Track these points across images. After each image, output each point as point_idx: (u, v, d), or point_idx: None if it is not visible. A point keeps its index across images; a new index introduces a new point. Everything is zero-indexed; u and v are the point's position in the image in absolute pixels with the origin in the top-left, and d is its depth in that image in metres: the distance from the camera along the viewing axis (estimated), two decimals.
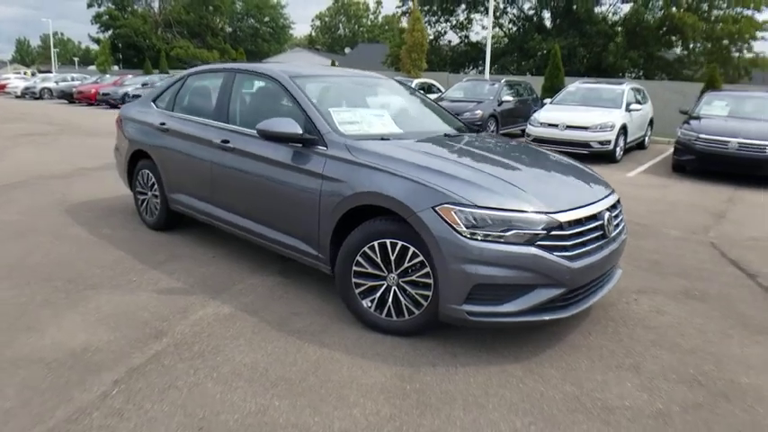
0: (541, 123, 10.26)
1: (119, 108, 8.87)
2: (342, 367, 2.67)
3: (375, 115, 3.71)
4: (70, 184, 6.53)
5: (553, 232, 2.71)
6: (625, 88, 11.17)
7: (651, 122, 12.53)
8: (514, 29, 25.99)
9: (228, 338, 2.91)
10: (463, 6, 26.15)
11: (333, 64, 22.64)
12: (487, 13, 26.75)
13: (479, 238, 2.64)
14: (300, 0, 77.73)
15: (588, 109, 10.43)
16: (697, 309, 3.59)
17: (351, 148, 3.15)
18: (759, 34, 20.67)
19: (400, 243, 2.85)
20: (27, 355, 2.65)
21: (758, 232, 5.55)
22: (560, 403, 2.47)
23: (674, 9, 19.77)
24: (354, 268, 3.00)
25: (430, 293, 2.83)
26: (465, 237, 2.64)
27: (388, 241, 2.88)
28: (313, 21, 63.11)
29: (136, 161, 4.80)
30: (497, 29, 28.59)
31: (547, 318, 2.77)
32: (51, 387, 2.39)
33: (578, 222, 2.84)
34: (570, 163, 3.71)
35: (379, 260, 2.93)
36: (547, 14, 23.92)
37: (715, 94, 10.42)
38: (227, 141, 3.75)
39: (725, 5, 20.26)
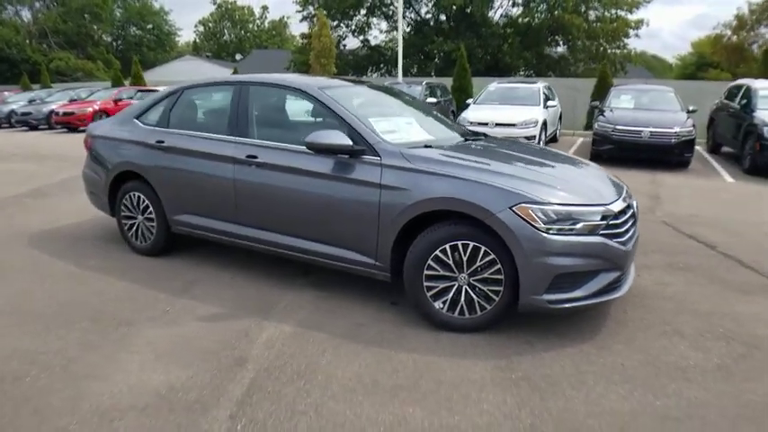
0: (471, 122, 10.83)
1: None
2: (444, 368, 2.75)
3: (406, 123, 3.79)
4: (10, 215, 5.76)
5: (611, 221, 3.02)
6: (540, 86, 12.16)
7: (561, 117, 13.74)
8: (413, 32, 26.95)
9: (314, 355, 2.85)
10: (363, 11, 26.62)
11: (235, 72, 21.85)
12: (386, 17, 27.62)
13: (554, 232, 2.86)
14: (181, 6, 73.82)
15: (512, 107, 11.22)
16: (689, 278, 4.12)
17: (406, 156, 3.21)
18: (632, 32, 23.54)
19: (472, 244, 2.98)
20: (112, 405, 2.39)
21: (694, 210, 6.41)
22: (642, 370, 2.76)
23: (561, 12, 21.78)
24: (426, 272, 3.08)
25: (501, 288, 3.00)
26: (543, 232, 2.85)
27: (459, 243, 3.00)
28: (196, 27, 60.24)
29: (119, 184, 4.41)
30: (394, 32, 29.43)
31: (606, 298, 3.07)
32: None
33: (623, 211, 3.18)
34: (580, 159, 4.09)
35: (451, 262, 3.04)
36: (444, 17, 25.06)
37: (620, 89, 11.70)
38: (255, 156, 3.61)
39: (601, 7, 22.75)
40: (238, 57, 49.07)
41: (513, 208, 2.88)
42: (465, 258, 3.01)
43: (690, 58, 41.41)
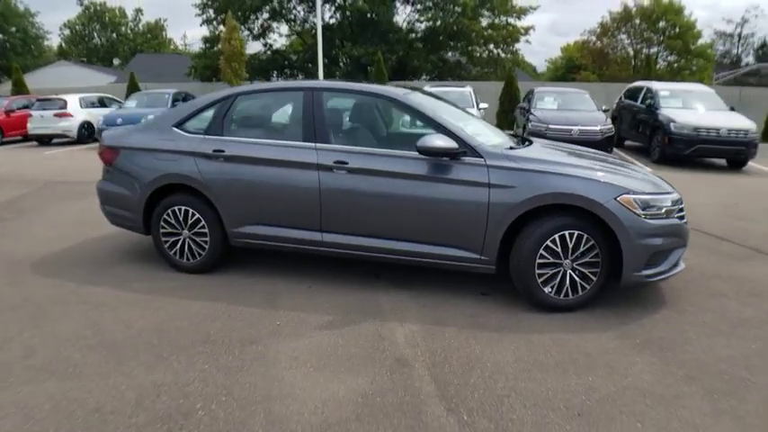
0: None
1: None
2: (580, 343, 3.06)
3: (484, 126, 4.05)
4: None
5: (679, 206, 3.55)
6: (469, 89, 12.98)
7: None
8: (314, 39, 26.95)
9: (463, 347, 2.99)
10: (265, 15, 26.03)
11: (132, 78, 20.06)
12: (287, 21, 27.29)
13: (648, 217, 3.33)
14: (43, 7, 65.92)
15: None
16: (720, 258, 4.76)
17: (510, 156, 3.49)
18: (522, 38, 25.77)
19: (576, 233, 3.35)
20: (325, 421, 2.34)
21: None
22: (721, 325, 3.31)
23: (461, 17, 23.21)
24: (538, 261, 3.38)
25: (598, 270, 3.41)
26: (641, 217, 3.29)
27: (566, 233, 3.35)
28: (61, 30, 54.08)
29: (156, 199, 4.14)
30: (295, 36, 29.21)
31: (677, 270, 3.60)
32: None
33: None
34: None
35: (559, 250, 3.37)
36: (347, 22, 25.36)
37: (542, 91, 12.88)
38: (345, 162, 3.64)
39: (492, 14, 24.61)
40: (116, 61, 45.12)
41: (618, 198, 3.29)
42: (570, 246, 3.37)
43: (560, 61, 46.09)
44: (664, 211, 3.41)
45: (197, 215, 4.02)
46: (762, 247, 5.02)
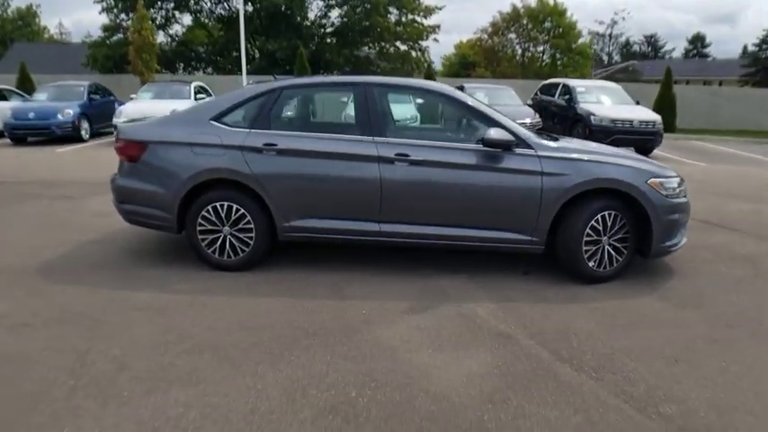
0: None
1: None
2: (636, 307, 3.55)
3: (519, 120, 4.38)
4: None
5: (683, 186, 4.17)
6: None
7: None
8: (223, 29, 25.78)
9: (551, 318, 3.31)
10: (171, 4, 24.34)
11: (23, 67, 17.77)
12: (190, 12, 25.81)
13: (670, 196, 3.89)
14: None
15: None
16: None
17: (555, 148, 3.86)
18: (431, 36, 26.73)
19: (614, 213, 3.82)
20: (480, 392, 2.54)
21: None
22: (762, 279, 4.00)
23: (373, 14, 23.55)
24: (585, 239, 3.81)
25: (628, 244, 3.92)
26: (665, 197, 3.85)
27: (606, 213, 3.81)
28: None
29: (194, 195, 3.96)
30: (200, 29, 27.70)
31: (684, 242, 4.22)
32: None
33: None
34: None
35: (600, 228, 3.83)
36: (258, 15, 24.58)
37: (473, 87, 13.58)
38: (407, 155, 3.78)
39: (400, 12, 25.26)
40: None
41: (648, 182, 3.80)
42: (609, 224, 3.84)
43: (454, 58, 48.37)
44: (678, 190, 4.00)
45: (242, 210, 3.92)
46: (709, 220, 5.94)
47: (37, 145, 12.16)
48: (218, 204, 3.93)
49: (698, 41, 61.99)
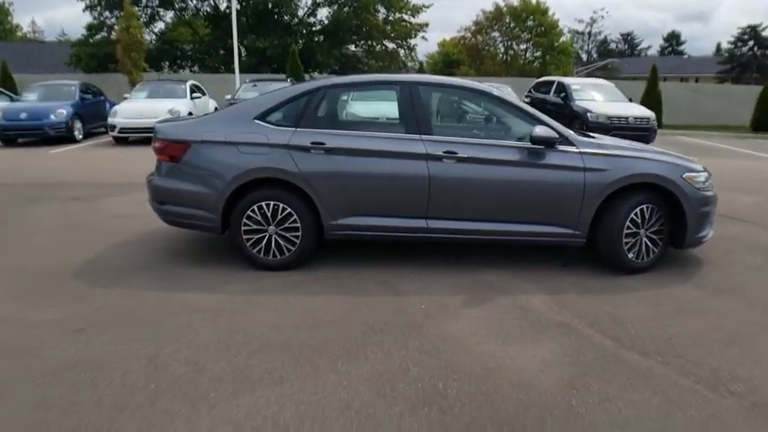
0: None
1: None
2: (676, 294, 3.70)
3: None
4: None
5: (710, 180, 4.32)
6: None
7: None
8: (210, 27, 25.44)
9: (606, 307, 3.43)
10: (156, 2, 23.93)
11: (4, 66, 17.30)
12: (174, 9, 25.43)
13: (701, 189, 4.04)
14: None
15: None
16: None
17: (597, 144, 3.98)
18: (420, 35, 26.87)
19: (651, 206, 3.95)
20: (561, 379, 2.63)
21: None
22: None
23: (362, 12, 23.56)
24: (626, 231, 3.93)
25: (663, 236, 4.06)
26: (699, 190, 4.00)
27: (644, 206, 3.94)
28: None
29: (239, 194, 3.95)
30: (184, 26, 27.30)
31: (713, 233, 4.37)
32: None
33: None
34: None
35: (639, 221, 3.95)
36: (245, 13, 24.34)
37: None
38: (455, 152, 3.84)
39: (387, 11, 25.31)
40: None
41: (683, 176, 3.94)
42: (647, 217, 3.97)
43: (438, 56, 48.57)
44: (707, 184, 4.15)
45: (288, 209, 3.93)
46: (720, 212, 6.11)
47: (27, 146, 11.90)
48: (263, 204, 3.94)
49: (673, 39, 63.48)
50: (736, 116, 18.90)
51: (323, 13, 25.70)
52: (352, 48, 27.08)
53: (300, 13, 25.67)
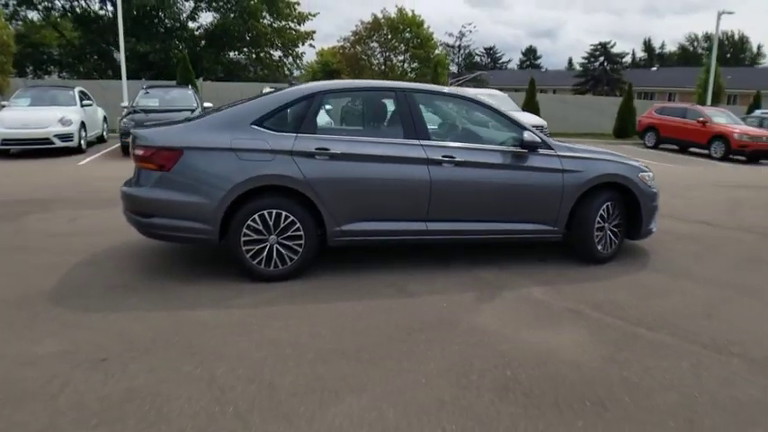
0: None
1: None
2: (650, 277, 4.28)
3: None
4: None
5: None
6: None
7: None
8: (80, 29, 22.83)
9: (600, 293, 3.86)
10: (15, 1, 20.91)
11: None
12: (37, 9, 22.57)
13: (650, 186, 4.71)
14: None
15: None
16: None
17: (570, 148, 4.45)
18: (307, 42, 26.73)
19: (614, 203, 4.52)
20: (600, 356, 2.95)
21: None
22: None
23: (249, 18, 22.86)
24: (596, 225, 4.44)
25: (622, 229, 4.66)
26: (649, 187, 4.66)
27: (609, 203, 4.50)
28: None
29: (239, 204, 3.78)
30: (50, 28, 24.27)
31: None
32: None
33: None
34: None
35: (605, 216, 4.49)
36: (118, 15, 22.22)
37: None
38: (452, 157, 4.04)
39: (273, 18, 24.89)
40: None
41: (638, 176, 4.58)
42: (611, 212, 4.53)
43: (317, 66, 48.65)
44: (653, 182, 4.85)
45: (291, 217, 3.85)
46: None
47: (25, 158, 10.29)
48: (265, 212, 3.81)
49: (531, 53, 70.62)
50: (599, 125, 21.65)
51: (207, 19, 24.62)
52: (237, 54, 26.22)
53: (184, 17, 24.27)
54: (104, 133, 13.51)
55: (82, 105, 11.53)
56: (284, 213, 3.84)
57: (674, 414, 2.42)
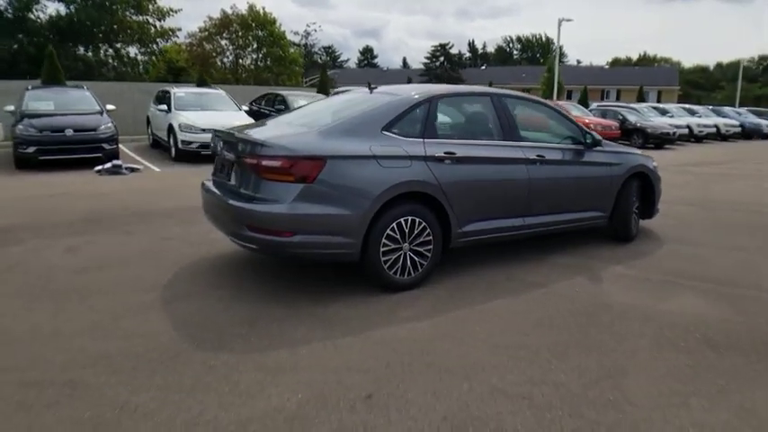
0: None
1: None
2: (666, 257, 5.22)
3: None
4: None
5: None
6: (221, 92, 12.60)
7: None
8: None
9: (613, 288, 4.58)
10: None
11: None
12: None
13: (657, 173, 5.71)
14: None
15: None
16: None
17: (609, 145, 5.20)
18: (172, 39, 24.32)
19: (638, 188, 5.42)
20: (672, 322, 3.69)
21: None
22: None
23: (116, 13, 20.15)
24: (634, 209, 5.28)
25: (638, 211, 5.59)
26: (658, 175, 5.66)
27: (636, 189, 5.37)
28: None
29: (380, 213, 3.69)
30: None
31: None
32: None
33: None
34: None
35: (635, 200, 5.35)
36: None
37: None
38: (543, 156, 4.47)
39: (131, 13, 22.33)
40: None
41: (652, 165, 5.54)
42: (635, 198, 5.40)
43: (161, 63, 44.54)
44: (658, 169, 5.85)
45: (423, 223, 3.89)
46: None
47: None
48: (402, 220, 3.81)
49: (368, 53, 73.62)
50: None
51: (61, 10, 21.08)
52: (93, 50, 23.00)
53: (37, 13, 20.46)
54: None
55: None
56: (417, 219, 3.88)
57: None
